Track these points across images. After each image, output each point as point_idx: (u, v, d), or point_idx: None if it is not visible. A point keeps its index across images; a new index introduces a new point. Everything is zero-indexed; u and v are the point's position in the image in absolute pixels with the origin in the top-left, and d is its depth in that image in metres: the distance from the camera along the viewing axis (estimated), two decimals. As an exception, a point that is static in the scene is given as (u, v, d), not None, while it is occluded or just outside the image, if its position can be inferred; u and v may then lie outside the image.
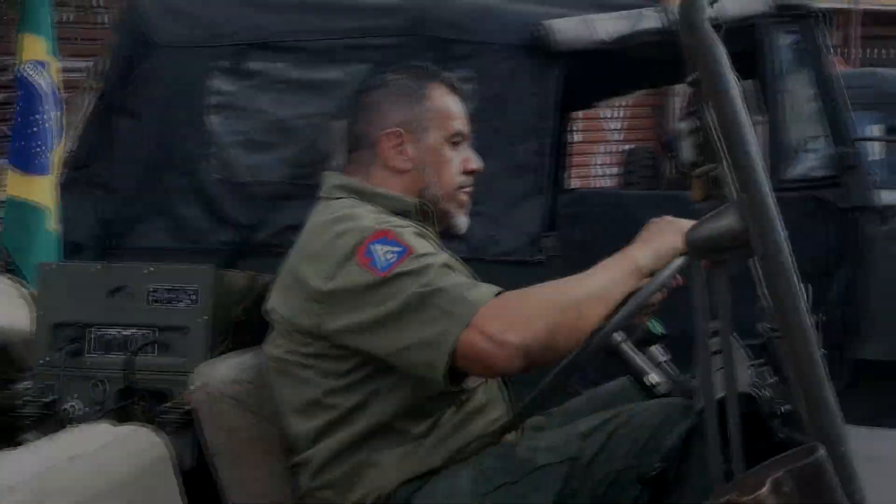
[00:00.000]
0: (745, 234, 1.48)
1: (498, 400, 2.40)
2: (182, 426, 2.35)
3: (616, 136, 9.65)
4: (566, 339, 2.07)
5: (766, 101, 4.41)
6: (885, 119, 6.62)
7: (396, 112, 2.39)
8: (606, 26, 4.18)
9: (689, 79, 1.89)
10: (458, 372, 2.10)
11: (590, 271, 2.14)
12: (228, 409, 2.29)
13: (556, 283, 2.15)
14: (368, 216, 2.24)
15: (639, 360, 2.41)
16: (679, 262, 2.12)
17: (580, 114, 8.79)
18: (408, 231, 2.21)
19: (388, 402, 2.23)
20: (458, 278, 2.13)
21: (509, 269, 3.76)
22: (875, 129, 6.82)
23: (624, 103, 9.54)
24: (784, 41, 4.41)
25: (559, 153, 5.81)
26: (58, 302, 2.60)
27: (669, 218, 2.21)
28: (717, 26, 1.54)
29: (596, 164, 9.53)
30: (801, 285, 1.46)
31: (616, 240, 2.16)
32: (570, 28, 4.14)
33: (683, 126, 2.11)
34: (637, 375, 2.42)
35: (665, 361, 2.47)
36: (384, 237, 2.16)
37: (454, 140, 2.43)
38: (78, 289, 2.60)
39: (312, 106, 4.28)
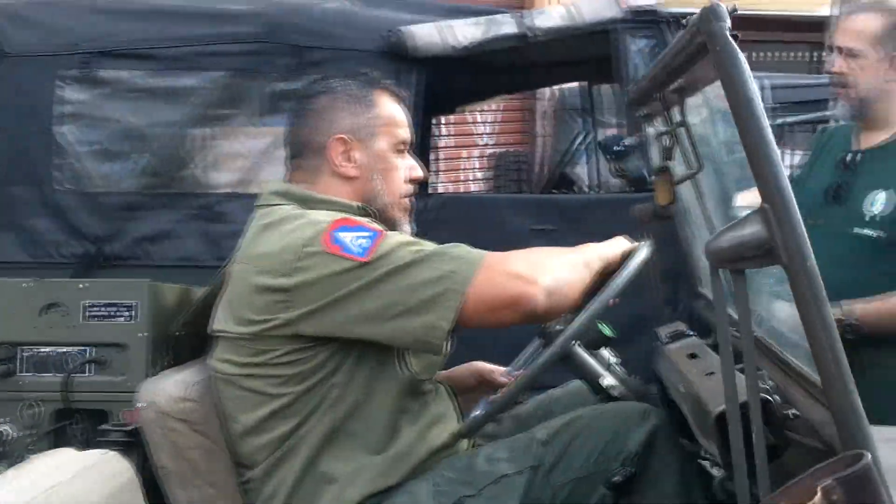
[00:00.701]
0: (770, 242, 1.47)
1: (451, 410, 2.39)
2: (126, 446, 2.26)
3: (486, 141, 9.70)
4: (568, 295, 2.14)
5: (623, 104, 4.50)
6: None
7: (344, 119, 2.36)
8: (462, 32, 4.20)
9: (672, 87, 1.91)
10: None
11: (569, 249, 2.20)
12: (177, 428, 2.23)
13: (547, 248, 2.20)
14: (317, 213, 2.21)
15: (593, 362, 2.46)
16: (643, 254, 2.22)
17: (451, 118, 8.83)
18: (362, 218, 2.21)
19: (346, 414, 2.20)
20: (441, 246, 2.13)
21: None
22: (735, 132, 6.96)
23: (494, 107, 9.61)
24: (636, 46, 4.48)
25: (424, 158, 5.84)
26: None
27: (620, 238, 2.33)
28: (734, 36, 1.55)
29: (466, 168, 9.57)
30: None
31: (481, 243, 2.18)
32: (426, 34, 4.15)
33: (650, 133, 2.15)
34: (592, 378, 2.47)
35: (616, 363, 2.51)
36: (346, 224, 2.14)
37: (399, 148, 2.42)
38: (7, 306, 2.50)
39: (167, 114, 4.21)
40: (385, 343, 2.16)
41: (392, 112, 2.42)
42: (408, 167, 2.43)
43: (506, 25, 4.27)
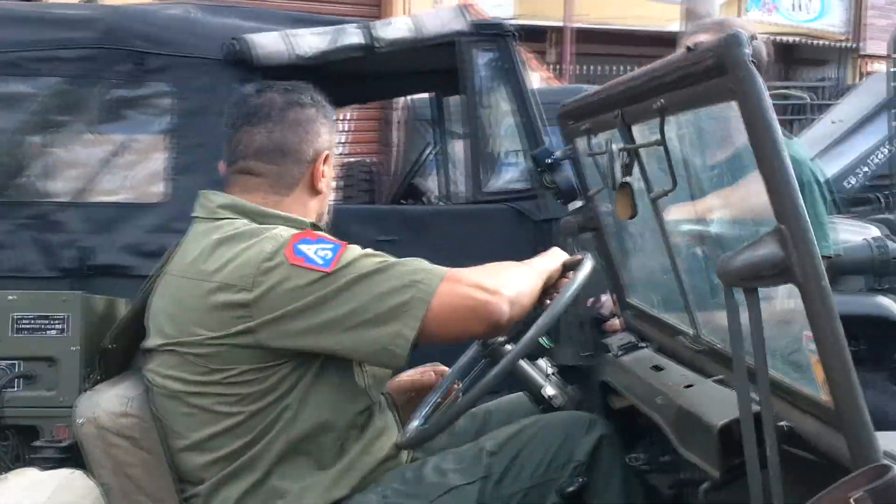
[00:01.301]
0: (786, 262, 1.50)
1: (392, 421, 2.37)
2: (58, 463, 2.21)
3: (339, 150, 9.70)
4: (525, 305, 2.20)
5: (468, 116, 4.54)
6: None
7: (326, 134, 2.35)
8: (306, 42, 4.18)
9: (656, 105, 1.92)
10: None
11: (516, 263, 2.27)
12: (119, 444, 2.17)
13: (506, 263, 2.25)
14: (276, 228, 2.18)
15: (534, 373, 2.49)
16: (584, 273, 2.27)
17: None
18: (324, 233, 2.19)
19: (300, 432, 2.17)
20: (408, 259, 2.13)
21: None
22: (580, 143, 7.10)
23: (347, 116, 9.61)
24: (482, 59, 4.54)
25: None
26: None
27: (557, 250, 2.42)
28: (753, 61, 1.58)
29: (319, 178, 9.57)
30: None
31: None
32: (270, 43, 4.11)
33: (614, 148, 2.17)
34: (534, 389, 2.49)
35: (553, 373, 2.53)
36: (307, 237, 2.12)
37: None
38: None
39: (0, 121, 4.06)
40: (345, 355, 2.14)
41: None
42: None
43: (352, 36, 4.27)
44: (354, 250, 2.12)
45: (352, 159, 9.38)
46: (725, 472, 1.82)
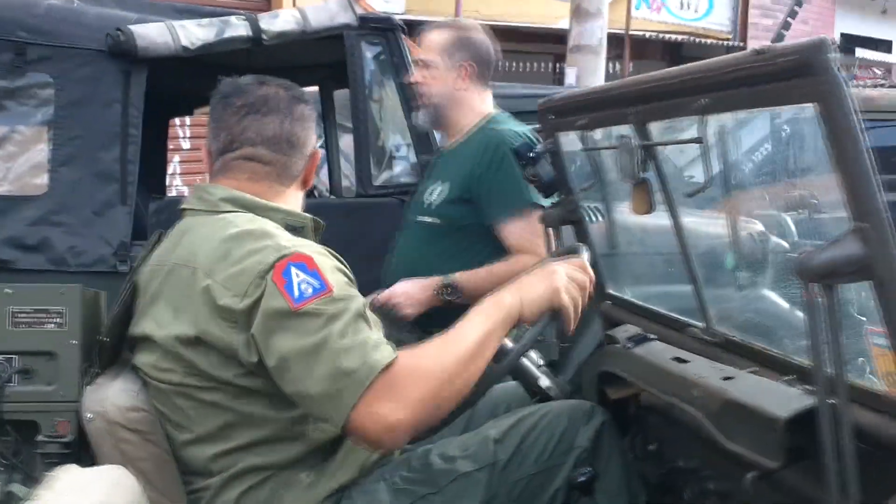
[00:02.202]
0: (866, 259, 1.54)
1: None
2: (62, 458, 2.22)
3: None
4: (450, 403, 2.12)
5: (355, 110, 4.55)
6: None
7: (314, 131, 2.43)
8: (191, 33, 4.14)
9: (698, 103, 1.93)
10: None
11: (470, 320, 2.18)
12: (128, 438, 2.18)
13: (442, 345, 2.14)
14: (281, 235, 2.19)
15: (529, 365, 2.54)
16: (541, 324, 2.27)
17: (191, 120, 8.67)
18: (326, 261, 2.15)
19: (303, 415, 2.19)
20: (364, 336, 2.07)
21: (93, 279, 3.64)
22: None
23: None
24: (370, 52, 4.56)
25: (158, 160, 5.72)
26: None
27: (552, 268, 2.31)
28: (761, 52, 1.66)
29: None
30: None
31: None
32: (154, 34, 4.06)
33: (634, 144, 2.20)
34: (531, 381, 2.54)
35: (544, 365, 2.58)
36: (303, 262, 2.10)
37: None
38: None
39: None
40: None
41: None
42: None
43: (238, 28, 4.24)
44: (332, 305, 2.08)
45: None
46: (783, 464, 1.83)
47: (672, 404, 2.21)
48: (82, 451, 2.31)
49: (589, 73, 11.50)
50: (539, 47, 16.13)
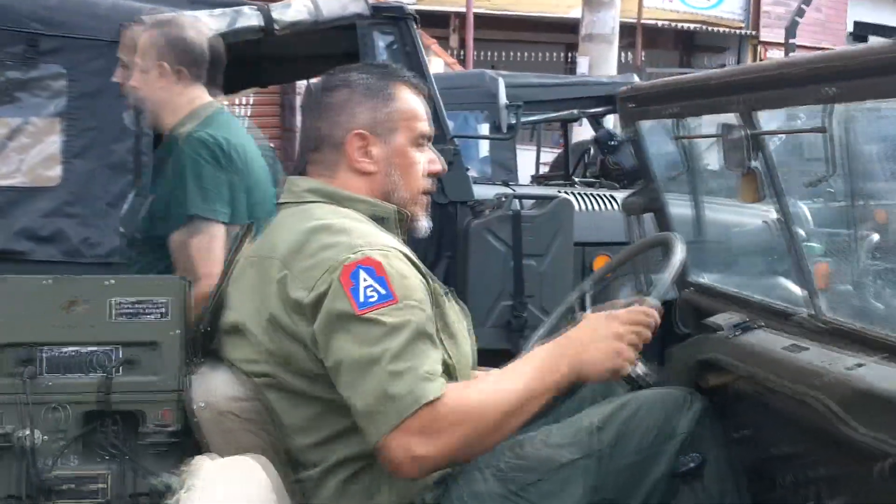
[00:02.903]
0: None
1: None
2: (169, 447, 2.32)
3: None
4: (481, 450, 2.19)
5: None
6: (489, 118, 6.97)
7: (363, 113, 2.35)
8: (205, 24, 4.13)
9: (827, 92, 1.93)
10: None
11: (522, 373, 2.21)
12: (236, 428, 2.23)
13: (493, 393, 2.17)
14: (359, 230, 2.22)
15: None
16: (681, 249, 2.44)
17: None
18: (396, 266, 2.17)
19: None
20: (419, 362, 2.09)
21: (108, 271, 3.64)
22: (482, 128, 7.18)
23: (246, 101, 9.53)
24: (382, 42, 4.55)
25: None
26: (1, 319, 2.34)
27: (615, 328, 2.27)
28: None
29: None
30: None
31: None
32: (166, 25, 4.05)
33: (741, 133, 2.22)
34: None
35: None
36: (373, 268, 2.13)
37: (419, 142, 2.40)
38: (27, 305, 2.35)
39: None
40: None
41: (412, 105, 2.41)
42: (427, 161, 2.43)
43: (250, 18, 4.23)
44: (395, 315, 2.12)
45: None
46: None
47: (772, 391, 2.25)
48: (188, 441, 2.35)
49: (601, 62, 11.50)
50: (550, 37, 16.14)
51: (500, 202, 4.87)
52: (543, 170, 9.45)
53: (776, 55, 17.07)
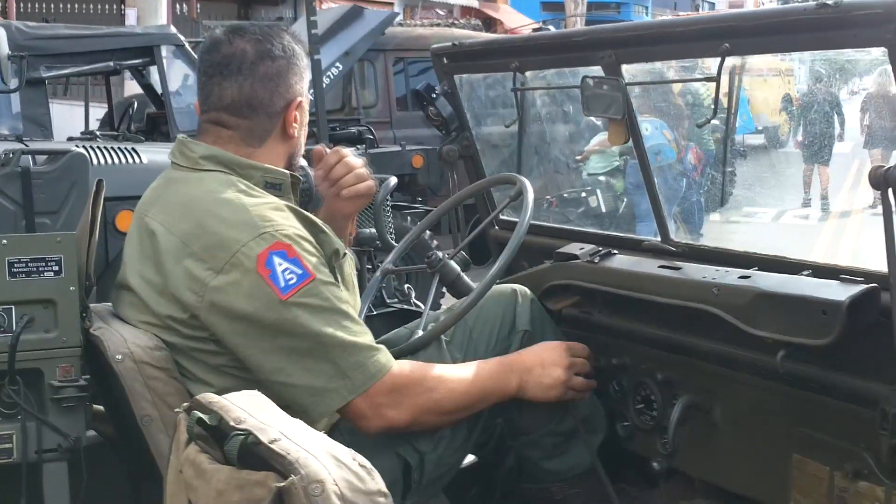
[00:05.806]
0: None
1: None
2: (79, 400, 2.40)
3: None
4: (432, 423, 2.39)
5: None
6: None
7: (299, 82, 2.41)
8: None
9: (721, 48, 2.25)
10: None
11: (477, 372, 2.45)
12: (156, 376, 2.28)
13: (450, 372, 2.42)
14: (257, 208, 2.24)
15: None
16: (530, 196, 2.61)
17: None
18: (305, 245, 2.24)
19: None
20: (355, 330, 2.25)
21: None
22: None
23: None
24: None
25: None
26: None
27: (563, 357, 2.56)
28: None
29: None
30: None
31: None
32: None
33: (622, 82, 2.48)
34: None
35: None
36: (284, 251, 2.19)
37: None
38: None
39: None
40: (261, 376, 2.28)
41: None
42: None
43: None
44: (316, 288, 2.22)
45: None
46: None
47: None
48: (98, 393, 2.48)
49: (150, 13, 11.46)
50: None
51: (8, 159, 4.76)
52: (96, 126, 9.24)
53: (329, 6, 17.57)
